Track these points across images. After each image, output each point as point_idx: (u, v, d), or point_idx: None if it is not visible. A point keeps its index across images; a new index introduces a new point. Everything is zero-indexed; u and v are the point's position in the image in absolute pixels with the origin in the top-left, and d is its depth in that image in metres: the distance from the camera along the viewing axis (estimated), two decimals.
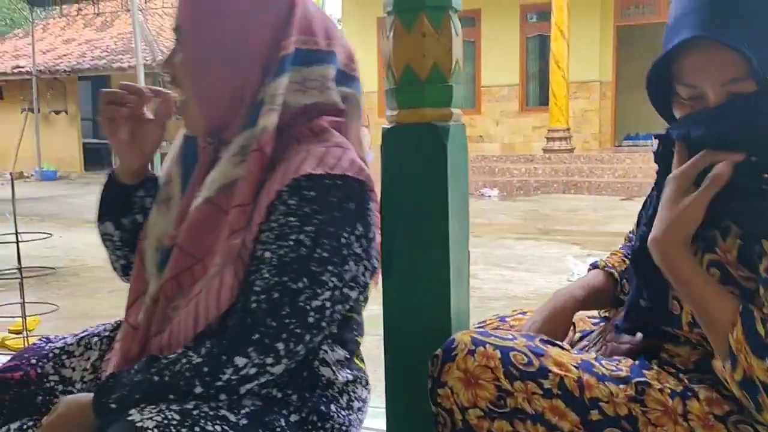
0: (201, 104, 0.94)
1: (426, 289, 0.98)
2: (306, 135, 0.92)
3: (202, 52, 0.93)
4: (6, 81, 14.40)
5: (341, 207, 0.88)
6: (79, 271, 4.50)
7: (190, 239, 0.93)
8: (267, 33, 0.92)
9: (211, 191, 0.92)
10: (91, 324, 3.18)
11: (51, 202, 9.70)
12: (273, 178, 0.89)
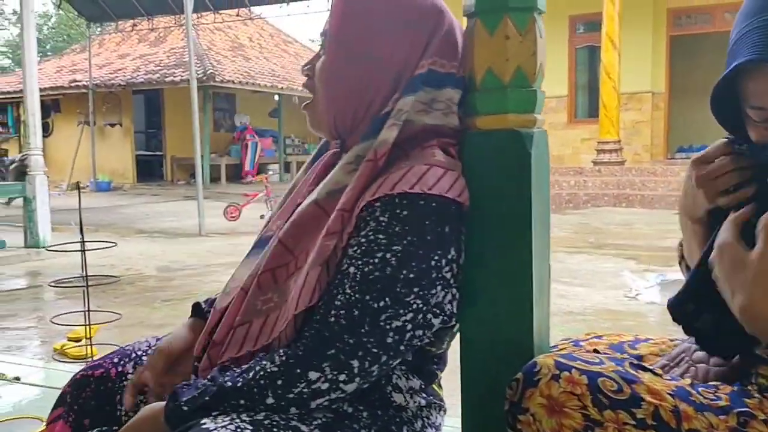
0: (330, 108, 0.96)
1: (507, 306, 0.93)
2: (415, 153, 0.91)
3: (342, 58, 0.94)
4: (64, 95, 14.93)
5: (434, 229, 0.86)
6: (134, 280, 4.58)
7: (291, 235, 0.93)
8: (407, 50, 0.93)
9: (321, 194, 0.93)
10: (147, 333, 3.22)
11: (106, 212, 9.96)
12: (370, 188, 0.88)
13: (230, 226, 7.99)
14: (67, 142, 14.68)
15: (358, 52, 0.93)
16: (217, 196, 11.45)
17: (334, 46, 0.95)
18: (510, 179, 0.91)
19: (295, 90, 16.24)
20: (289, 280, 0.93)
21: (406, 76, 0.93)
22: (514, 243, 0.92)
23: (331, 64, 0.95)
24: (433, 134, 0.93)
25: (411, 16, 0.94)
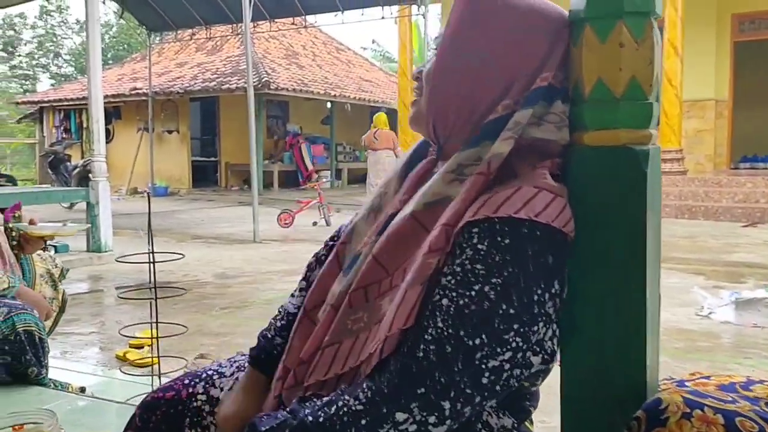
0: (431, 107, 0.91)
1: (616, 341, 0.84)
2: (524, 171, 0.84)
3: (452, 57, 0.89)
4: (124, 102, 15.37)
5: (537, 260, 0.78)
6: (192, 287, 4.61)
7: (386, 251, 0.88)
8: (525, 57, 0.87)
9: (418, 205, 0.87)
10: (206, 342, 3.20)
11: (163, 217, 10.17)
12: (471, 206, 0.82)
13: (283, 233, 8.03)
14: (127, 148, 15.11)
15: (471, 52, 0.88)
16: (269, 202, 11.56)
17: (446, 46, 0.90)
18: (621, 202, 0.83)
19: (347, 98, 16.33)
20: (381, 299, 0.87)
21: (520, 85, 0.87)
22: (625, 272, 0.83)
23: (440, 62, 0.90)
24: (542, 150, 0.86)
25: (536, 22, 0.87)
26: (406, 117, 12.52)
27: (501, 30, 0.88)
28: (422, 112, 0.93)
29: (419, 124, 0.95)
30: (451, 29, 0.90)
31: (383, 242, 0.89)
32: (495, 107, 0.87)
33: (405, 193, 0.94)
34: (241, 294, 4.40)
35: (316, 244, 6.14)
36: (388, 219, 0.93)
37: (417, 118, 0.95)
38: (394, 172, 1.04)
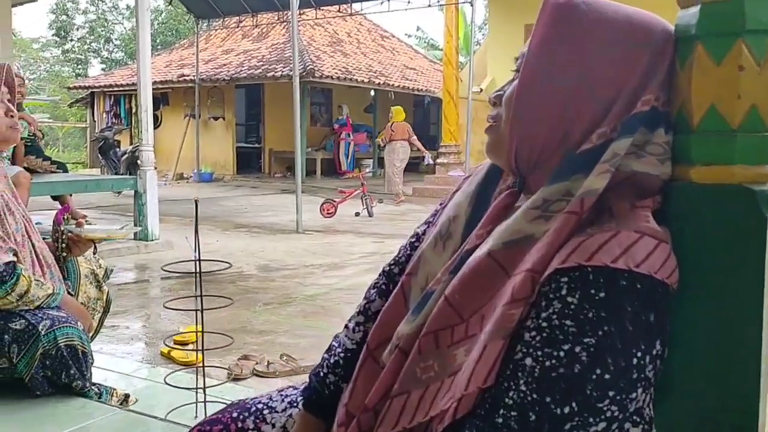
0: (514, 136, 0.80)
1: (724, 403, 0.73)
2: (621, 210, 0.73)
3: (540, 78, 0.78)
4: (172, 88, 15.56)
5: (637, 317, 0.68)
6: (235, 280, 4.60)
7: (460, 293, 0.79)
8: (625, 77, 0.76)
9: (497, 244, 0.77)
10: (249, 340, 3.15)
11: (208, 204, 10.26)
12: (561, 251, 0.72)
13: (326, 223, 8.00)
14: (174, 134, 15.31)
15: (563, 73, 0.77)
16: (312, 190, 11.56)
17: (532, 65, 0.78)
18: (736, 250, 0.72)
19: (391, 86, 16.19)
20: (454, 348, 0.78)
21: (617, 110, 0.75)
22: (739, 329, 0.72)
23: (524, 85, 0.79)
24: (641, 185, 0.75)
25: (636, 36, 0.76)
26: (450, 106, 12.41)
27: (595, 46, 0.76)
28: (502, 140, 0.82)
29: (497, 154, 0.85)
30: (535, 46, 0.79)
31: (457, 283, 0.79)
32: (589, 135, 0.76)
33: (482, 228, 0.84)
34: (284, 288, 4.36)
35: (358, 236, 6.10)
36: (463, 256, 0.83)
37: (495, 148, 0.85)
38: (465, 196, 0.93)
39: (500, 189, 0.90)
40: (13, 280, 1.58)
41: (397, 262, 1.06)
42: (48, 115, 25.60)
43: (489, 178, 0.93)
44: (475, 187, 0.93)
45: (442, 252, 0.90)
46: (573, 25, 0.77)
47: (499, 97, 0.85)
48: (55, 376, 1.60)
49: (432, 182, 12.34)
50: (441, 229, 0.92)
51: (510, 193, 0.85)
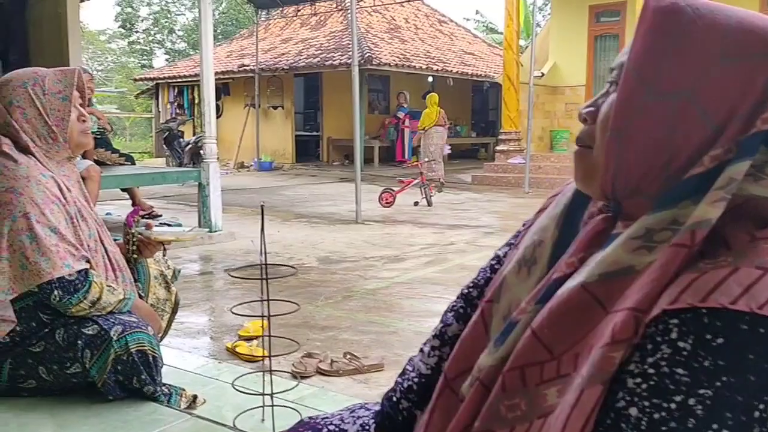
0: (612, 161, 0.72)
1: None
2: (739, 242, 0.65)
3: (643, 97, 0.70)
4: (233, 78, 15.82)
5: (760, 367, 0.60)
6: (296, 272, 4.63)
7: (550, 327, 0.72)
8: (740, 93, 0.68)
9: (592, 275, 0.70)
10: (312, 336, 3.14)
11: (267, 193, 10.41)
12: (669, 288, 0.64)
13: (385, 213, 7.98)
14: (235, 123, 15.59)
15: (669, 90, 0.68)
16: (370, 178, 11.57)
17: (632, 82, 0.70)
18: None
19: (449, 72, 15.99)
20: (544, 386, 0.72)
21: (732, 131, 0.67)
22: None
23: (624, 103, 0.71)
24: (761, 213, 0.67)
25: (754, 46, 0.67)
26: (510, 91, 12.15)
27: (705, 58, 0.67)
28: (595, 168, 0.75)
29: (589, 183, 0.78)
30: (635, 58, 0.70)
31: (546, 315, 0.73)
32: (698, 158, 0.68)
33: (573, 255, 0.77)
34: (345, 282, 4.36)
35: (418, 226, 6.04)
36: (551, 285, 0.77)
37: (587, 176, 0.77)
38: (551, 219, 0.86)
39: (590, 212, 0.82)
40: (86, 287, 1.61)
41: (476, 285, 1.01)
42: (116, 106, 26.49)
43: (577, 199, 0.85)
44: (562, 209, 0.86)
45: (526, 278, 0.84)
46: (679, 34, 0.69)
47: (592, 115, 0.77)
48: (126, 381, 1.62)
49: (491, 170, 12.16)
50: (525, 253, 0.86)
51: (604, 219, 0.78)
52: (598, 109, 0.76)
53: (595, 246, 0.75)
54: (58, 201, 1.66)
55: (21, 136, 1.69)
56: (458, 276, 4.54)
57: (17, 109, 1.69)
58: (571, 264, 0.76)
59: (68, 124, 1.74)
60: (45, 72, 1.76)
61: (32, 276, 1.57)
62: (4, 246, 1.57)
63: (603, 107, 0.75)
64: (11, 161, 1.64)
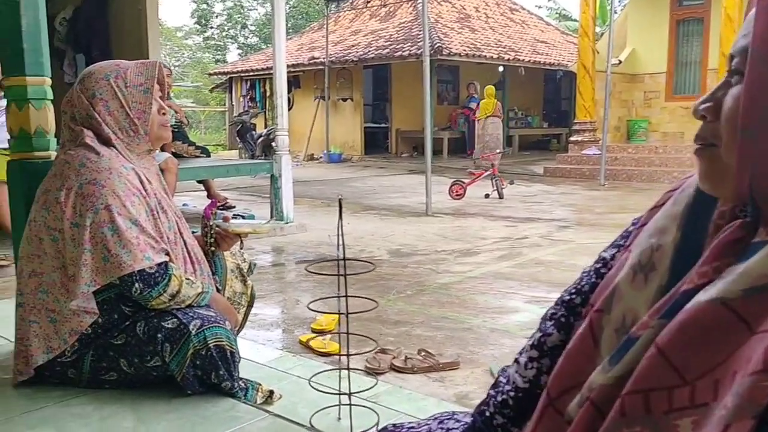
0: (746, 162, 0.63)
1: None
2: None
3: None
4: (303, 71, 16.00)
5: None
6: (374, 268, 4.60)
7: (680, 347, 0.63)
8: None
9: (733, 290, 0.61)
10: (385, 331, 3.08)
11: (337, 185, 10.47)
12: None
13: (455, 206, 7.86)
14: (305, 115, 15.77)
15: None
16: (439, 170, 11.43)
17: (761, 68, 0.60)
18: None
19: (521, 61, 15.63)
20: (675, 416, 0.63)
21: None
22: None
23: (754, 94, 0.61)
24: None
25: None
26: (585, 80, 11.75)
27: None
28: (723, 167, 0.66)
29: (717, 184, 0.69)
30: (762, 39, 0.60)
31: (675, 333, 0.64)
32: None
33: (705, 264, 0.67)
34: (417, 275, 4.30)
35: (490, 219, 5.87)
36: (679, 298, 0.67)
37: (713, 176, 0.68)
38: (671, 219, 0.77)
39: (720, 212, 0.72)
40: (166, 280, 1.61)
41: (578, 291, 0.92)
42: (191, 100, 27.32)
43: (701, 197, 0.75)
44: (684, 209, 0.76)
45: (643, 287, 0.75)
46: None
47: (711, 110, 0.67)
48: (205, 376, 1.61)
49: (564, 161, 11.81)
50: (641, 258, 0.76)
51: (741, 224, 0.67)
52: (718, 103, 0.66)
53: (732, 255, 0.65)
54: (138, 193, 1.66)
55: (103, 128, 1.69)
56: (533, 271, 4.40)
57: (100, 101, 1.70)
58: (704, 274, 0.66)
59: (149, 116, 1.74)
60: (127, 64, 1.76)
61: (114, 268, 1.57)
62: (86, 238, 1.58)
63: (727, 101, 0.65)
64: (94, 153, 1.65)
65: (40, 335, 1.66)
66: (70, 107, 1.74)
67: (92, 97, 1.70)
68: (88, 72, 1.75)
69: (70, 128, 1.73)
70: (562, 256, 4.91)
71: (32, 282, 1.67)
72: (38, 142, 1.99)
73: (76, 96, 1.72)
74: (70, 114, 1.74)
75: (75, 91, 1.72)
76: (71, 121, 1.73)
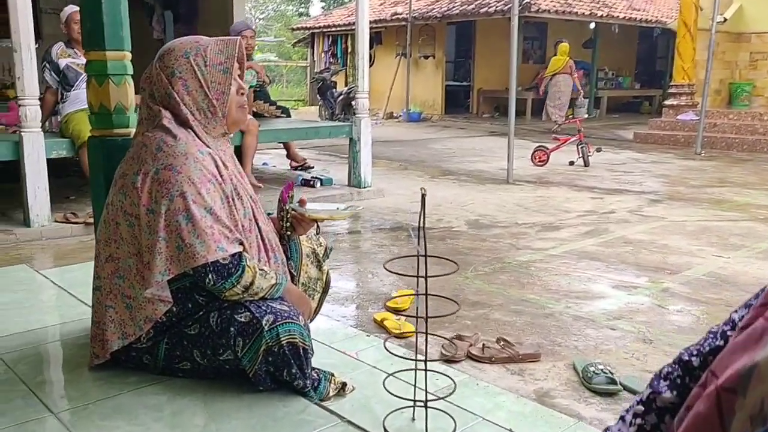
0: None
1: None
2: None
3: None
4: (385, 27, 15.71)
5: None
6: (445, 236, 4.49)
7: None
8: None
9: None
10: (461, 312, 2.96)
11: (415, 147, 10.31)
12: None
13: (537, 173, 7.57)
14: (386, 73, 15.55)
15: None
16: (521, 133, 11.05)
17: None
18: None
19: (615, 18, 14.77)
20: None
21: None
22: None
23: None
24: None
25: None
26: (685, 39, 10.97)
27: None
28: None
29: None
30: None
31: None
32: None
33: None
34: (496, 251, 4.14)
35: (574, 189, 5.59)
36: None
37: None
38: None
39: None
40: (239, 272, 1.56)
41: (699, 353, 0.78)
42: (274, 54, 27.52)
43: None
44: None
45: None
46: None
47: None
48: (277, 372, 1.56)
49: (657, 127, 11.15)
50: None
51: None
52: None
53: None
54: (214, 179, 1.61)
55: (181, 108, 1.63)
56: (620, 251, 4.15)
57: (179, 80, 1.63)
58: None
59: (228, 97, 1.67)
60: (207, 41, 1.68)
61: (187, 258, 1.53)
62: (161, 226, 1.54)
63: None
64: (170, 136, 1.60)
65: (116, 321, 1.65)
66: (149, 85, 1.68)
67: (171, 75, 1.63)
68: (168, 48, 1.68)
69: (148, 106, 1.69)
70: (653, 234, 4.62)
71: (109, 266, 1.66)
72: (118, 119, 1.97)
73: (156, 73, 1.66)
74: (149, 91, 1.69)
75: (154, 68, 1.67)
76: (150, 99, 1.68)
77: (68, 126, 4.57)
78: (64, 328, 2.12)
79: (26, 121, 4.15)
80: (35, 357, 1.88)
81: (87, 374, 1.72)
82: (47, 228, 4.27)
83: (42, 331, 2.06)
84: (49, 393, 1.64)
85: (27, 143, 4.18)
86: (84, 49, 2.00)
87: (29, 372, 1.76)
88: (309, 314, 1.77)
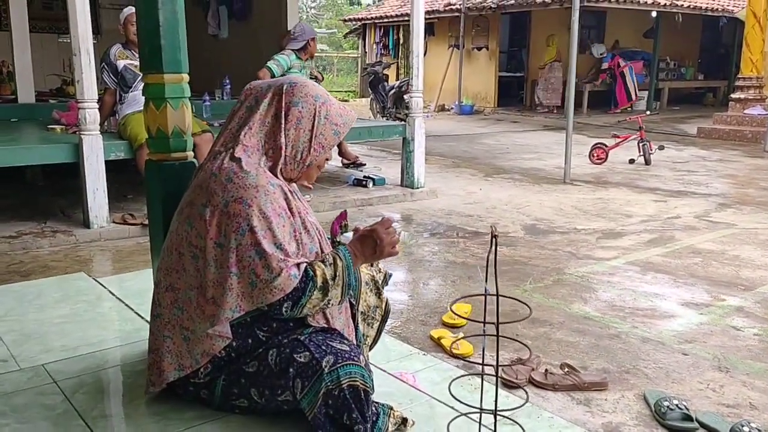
0: None
1: None
2: None
3: None
4: (438, 18, 15.50)
5: None
6: (501, 243, 4.35)
7: None
8: None
9: None
10: (520, 330, 2.85)
11: (468, 141, 10.13)
12: None
13: (596, 172, 7.32)
14: (438, 64, 15.35)
15: None
16: (578, 127, 10.72)
17: None
18: None
19: (680, 6, 14.18)
20: None
21: None
22: None
23: None
24: None
25: None
26: (754, 29, 10.43)
27: None
28: None
29: None
30: None
31: None
32: None
33: None
34: (555, 260, 3.99)
35: (635, 191, 5.35)
36: None
37: None
38: None
39: None
40: (310, 285, 1.52)
41: None
42: (326, 44, 27.55)
43: None
44: None
45: None
46: None
47: None
48: (337, 416, 1.50)
49: (722, 121, 10.66)
50: None
51: None
52: None
53: None
54: (284, 213, 1.56)
55: (280, 135, 1.59)
56: (689, 263, 3.95)
57: (297, 112, 1.62)
58: None
59: (321, 155, 1.66)
60: (333, 100, 1.70)
61: (263, 294, 1.49)
62: (232, 261, 1.49)
63: None
64: (240, 167, 1.55)
65: (173, 351, 1.61)
66: (257, 99, 1.66)
67: (293, 104, 1.61)
68: (301, 83, 1.66)
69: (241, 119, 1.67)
70: (724, 244, 4.38)
71: (168, 296, 1.62)
72: (176, 142, 1.93)
73: (276, 93, 1.63)
74: (249, 104, 1.66)
75: (277, 89, 1.64)
76: (247, 111, 1.66)
77: (126, 128, 4.62)
78: (122, 350, 2.11)
79: (85, 123, 4.20)
80: (94, 385, 1.86)
81: (144, 408, 1.70)
82: (105, 229, 4.33)
83: (100, 354, 2.05)
84: (107, 430, 1.62)
85: (86, 146, 4.24)
86: (141, 72, 1.97)
87: (87, 403, 1.74)
88: (381, 251, 1.66)
